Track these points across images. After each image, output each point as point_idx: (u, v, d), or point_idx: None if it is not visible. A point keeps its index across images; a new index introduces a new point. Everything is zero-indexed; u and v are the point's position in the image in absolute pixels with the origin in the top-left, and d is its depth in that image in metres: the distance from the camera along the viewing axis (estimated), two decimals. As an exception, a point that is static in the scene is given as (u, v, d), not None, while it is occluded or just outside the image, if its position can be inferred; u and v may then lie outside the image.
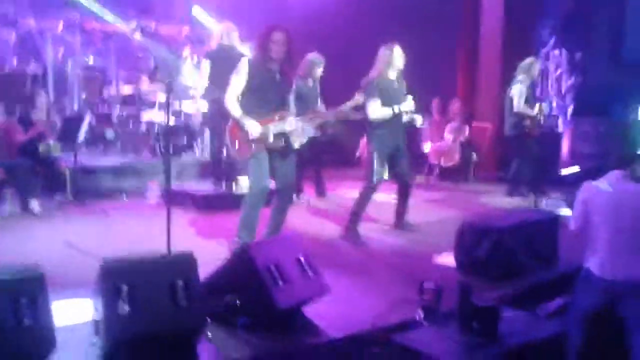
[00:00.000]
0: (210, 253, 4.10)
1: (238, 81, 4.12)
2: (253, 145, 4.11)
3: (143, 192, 6.33)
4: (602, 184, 3.56)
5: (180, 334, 2.64)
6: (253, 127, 4.06)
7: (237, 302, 2.93)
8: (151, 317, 2.56)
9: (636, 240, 3.44)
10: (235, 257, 3.07)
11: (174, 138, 7.15)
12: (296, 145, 4.26)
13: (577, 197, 3.63)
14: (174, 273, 2.67)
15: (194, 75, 8.17)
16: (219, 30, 6.10)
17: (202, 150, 7.43)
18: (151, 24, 8.86)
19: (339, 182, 7.37)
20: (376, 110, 4.93)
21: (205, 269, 3.02)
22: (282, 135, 4.17)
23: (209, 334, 2.82)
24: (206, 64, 5.90)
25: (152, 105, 7.33)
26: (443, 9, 8.88)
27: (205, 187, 6.42)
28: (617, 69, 10.34)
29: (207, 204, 5.93)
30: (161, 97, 7.26)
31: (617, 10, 10.07)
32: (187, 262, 2.73)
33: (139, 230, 5.10)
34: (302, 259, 3.14)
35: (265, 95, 4.15)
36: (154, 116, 7.16)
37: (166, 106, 4.62)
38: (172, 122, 7.26)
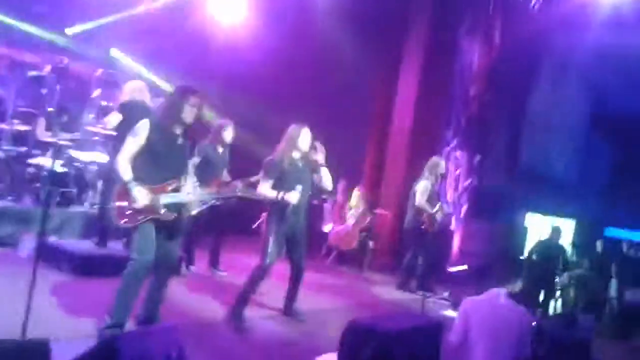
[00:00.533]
0: (76, 331, 3.73)
1: (134, 143, 3.82)
2: (139, 214, 3.79)
3: (16, 243, 5.78)
4: (482, 300, 3.67)
5: None
6: (141, 196, 3.75)
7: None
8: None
9: (509, 358, 3.54)
10: (99, 348, 2.77)
11: (63, 187, 6.65)
12: (192, 213, 4.03)
13: (459, 311, 3.71)
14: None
15: (99, 122, 7.82)
16: (132, 86, 5.86)
17: (91, 203, 6.96)
18: (64, 59, 8.44)
19: (238, 252, 7.12)
20: (264, 191, 4.86)
21: (67, 350, 2.74)
22: (175, 207, 3.92)
23: None
24: (116, 116, 5.61)
25: (45, 148, 6.84)
26: (358, 96, 9.26)
27: (87, 245, 5.95)
28: (511, 176, 11.12)
29: (85, 266, 5.45)
30: (57, 142, 6.82)
31: (515, 122, 10.93)
32: (40, 353, 2.41)
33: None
34: (173, 355, 2.89)
35: (163, 161, 3.88)
36: (45, 160, 6.66)
37: (58, 151, 4.33)
38: (62, 169, 6.82)
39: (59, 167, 6.76)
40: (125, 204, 3.79)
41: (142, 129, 3.84)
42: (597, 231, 12.42)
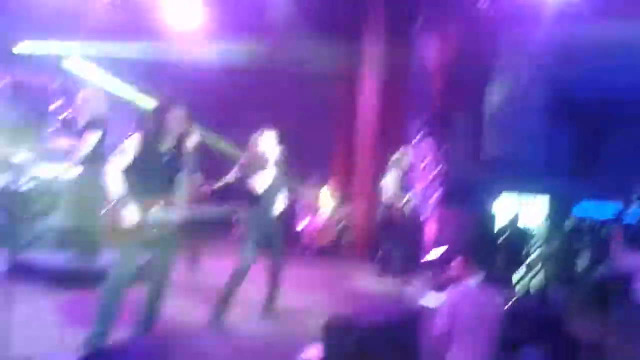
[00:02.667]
0: (59, 345, 3.71)
1: (122, 159, 3.76)
2: (131, 232, 3.74)
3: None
4: (457, 290, 3.78)
5: None
6: (133, 214, 3.72)
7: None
8: None
9: (486, 342, 3.66)
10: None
11: (31, 203, 6.55)
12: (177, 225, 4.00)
13: (437, 304, 3.82)
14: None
15: (62, 132, 7.68)
16: (87, 95, 5.76)
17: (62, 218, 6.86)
18: (18, 74, 8.26)
19: (215, 254, 7.09)
20: (264, 180, 4.89)
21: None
22: (164, 223, 3.90)
23: None
24: (95, 134, 5.49)
25: (8, 166, 6.71)
26: (321, 93, 9.34)
27: (63, 259, 5.87)
28: (478, 162, 11.33)
29: (62, 279, 5.40)
30: (19, 157, 6.70)
31: (477, 112, 11.15)
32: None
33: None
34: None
35: (152, 177, 3.84)
36: (8, 179, 6.54)
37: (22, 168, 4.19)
38: (28, 186, 6.70)
39: (25, 184, 6.65)
40: (117, 221, 3.73)
41: (131, 145, 3.78)
42: (568, 208, 12.76)
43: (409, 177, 8.17)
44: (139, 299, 3.97)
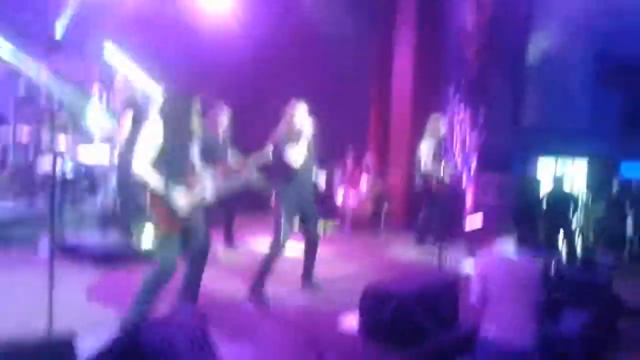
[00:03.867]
0: (100, 323, 3.84)
1: (151, 145, 3.75)
2: (179, 217, 3.77)
3: (35, 245, 5.90)
4: (496, 258, 3.72)
5: None
6: (181, 199, 3.75)
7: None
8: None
9: (526, 309, 3.60)
10: (123, 338, 2.86)
11: (73, 187, 6.75)
12: (208, 200, 4.05)
13: (475, 273, 3.78)
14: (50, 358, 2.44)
15: (101, 117, 7.86)
16: (124, 84, 5.85)
17: (103, 201, 7.07)
18: (59, 61, 8.44)
19: (251, 229, 7.23)
20: (298, 153, 4.90)
21: (91, 345, 2.81)
22: (200, 201, 3.94)
23: None
24: (128, 119, 5.58)
25: (51, 151, 6.92)
26: (356, 64, 9.20)
27: (106, 240, 6.07)
28: (518, 127, 11.05)
29: (107, 260, 5.58)
30: (60, 144, 6.91)
31: (517, 75, 10.82)
32: (65, 350, 2.50)
33: (23, 292, 4.67)
34: (197, 337, 2.97)
35: (180, 159, 3.86)
36: (52, 164, 6.73)
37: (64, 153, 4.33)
38: (71, 170, 6.90)
39: (67, 168, 6.85)
40: (159, 210, 3.77)
41: (156, 131, 3.78)
42: (613, 171, 12.36)
43: (446, 145, 8.06)
44: (179, 275, 4.05)
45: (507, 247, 3.75)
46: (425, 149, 7.20)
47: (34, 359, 2.42)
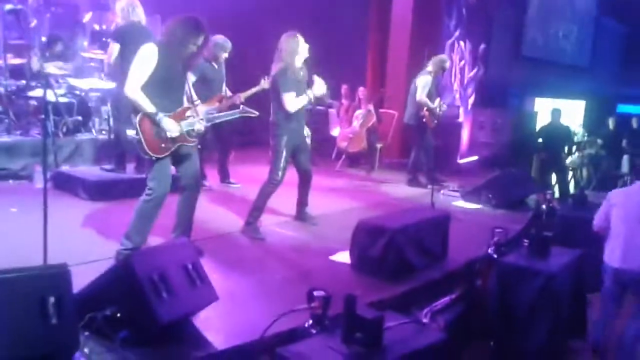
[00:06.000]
0: (95, 254, 3.90)
1: (143, 70, 3.69)
2: (171, 144, 3.77)
3: (30, 175, 5.92)
4: (626, 190, 4.29)
5: (52, 354, 2.48)
6: (171, 126, 3.72)
7: (118, 314, 2.79)
8: (18, 339, 2.37)
9: None
10: (117, 267, 2.91)
11: (67, 116, 6.68)
12: (201, 131, 4.03)
13: (605, 198, 4.25)
14: (44, 288, 2.48)
15: (93, 47, 7.70)
16: (122, 5, 5.64)
17: (99, 130, 7.02)
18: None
19: (245, 165, 7.26)
20: (294, 102, 4.84)
21: (88, 273, 2.89)
22: (192, 131, 3.92)
23: (86, 349, 2.68)
24: (115, 47, 5.44)
25: (43, 79, 6.79)
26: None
27: (99, 171, 6.07)
28: (516, 62, 10.87)
29: (100, 191, 5.60)
30: (54, 72, 6.79)
31: (519, 7, 10.54)
32: (60, 276, 2.54)
33: (18, 221, 4.72)
34: (189, 267, 3.03)
35: (172, 87, 3.82)
36: (45, 92, 6.63)
37: (56, 81, 4.22)
38: (64, 99, 6.81)
39: (60, 97, 6.76)
40: (148, 134, 3.72)
41: (151, 56, 3.69)
42: (609, 110, 12.30)
43: (444, 79, 7.95)
44: (171, 207, 4.08)
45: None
46: (423, 82, 7.11)
47: (24, 288, 2.45)
